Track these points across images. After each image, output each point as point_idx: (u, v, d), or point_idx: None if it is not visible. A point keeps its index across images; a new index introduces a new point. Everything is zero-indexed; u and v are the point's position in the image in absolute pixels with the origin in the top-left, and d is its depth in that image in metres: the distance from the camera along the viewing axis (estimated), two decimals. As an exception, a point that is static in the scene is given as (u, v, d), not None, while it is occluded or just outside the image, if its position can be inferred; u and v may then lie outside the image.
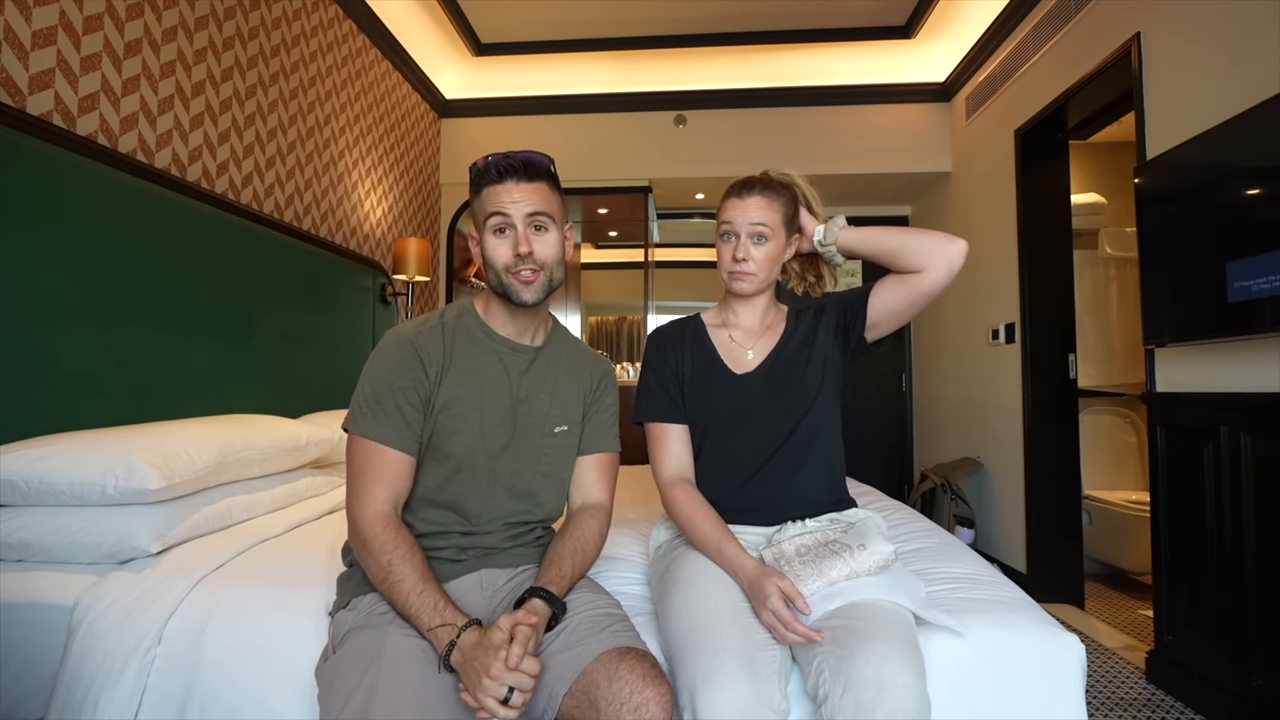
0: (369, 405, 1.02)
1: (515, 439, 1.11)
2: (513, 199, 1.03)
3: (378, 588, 0.96)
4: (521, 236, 1.03)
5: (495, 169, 1.04)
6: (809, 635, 0.90)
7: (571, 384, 1.18)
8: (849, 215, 1.22)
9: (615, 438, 1.23)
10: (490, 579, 1.07)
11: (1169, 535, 1.97)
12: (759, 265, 1.19)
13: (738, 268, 1.20)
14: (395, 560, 0.93)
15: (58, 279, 1.49)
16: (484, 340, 1.12)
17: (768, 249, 1.19)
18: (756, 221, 1.17)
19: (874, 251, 1.18)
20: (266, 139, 2.39)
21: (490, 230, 1.05)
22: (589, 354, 1.26)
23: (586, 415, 1.20)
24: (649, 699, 0.84)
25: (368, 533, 0.96)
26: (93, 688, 1.05)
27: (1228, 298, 1.68)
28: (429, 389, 1.05)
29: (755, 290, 1.22)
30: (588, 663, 0.89)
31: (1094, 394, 3.24)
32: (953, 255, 1.11)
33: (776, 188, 1.21)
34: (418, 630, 0.91)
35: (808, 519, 1.16)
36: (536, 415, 1.13)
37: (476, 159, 1.07)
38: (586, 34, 3.53)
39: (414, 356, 1.04)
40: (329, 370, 2.57)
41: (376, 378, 1.03)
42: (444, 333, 1.09)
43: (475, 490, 1.08)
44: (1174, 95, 2.01)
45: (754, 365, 1.24)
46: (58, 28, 1.60)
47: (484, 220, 1.05)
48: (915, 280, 1.14)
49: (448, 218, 3.98)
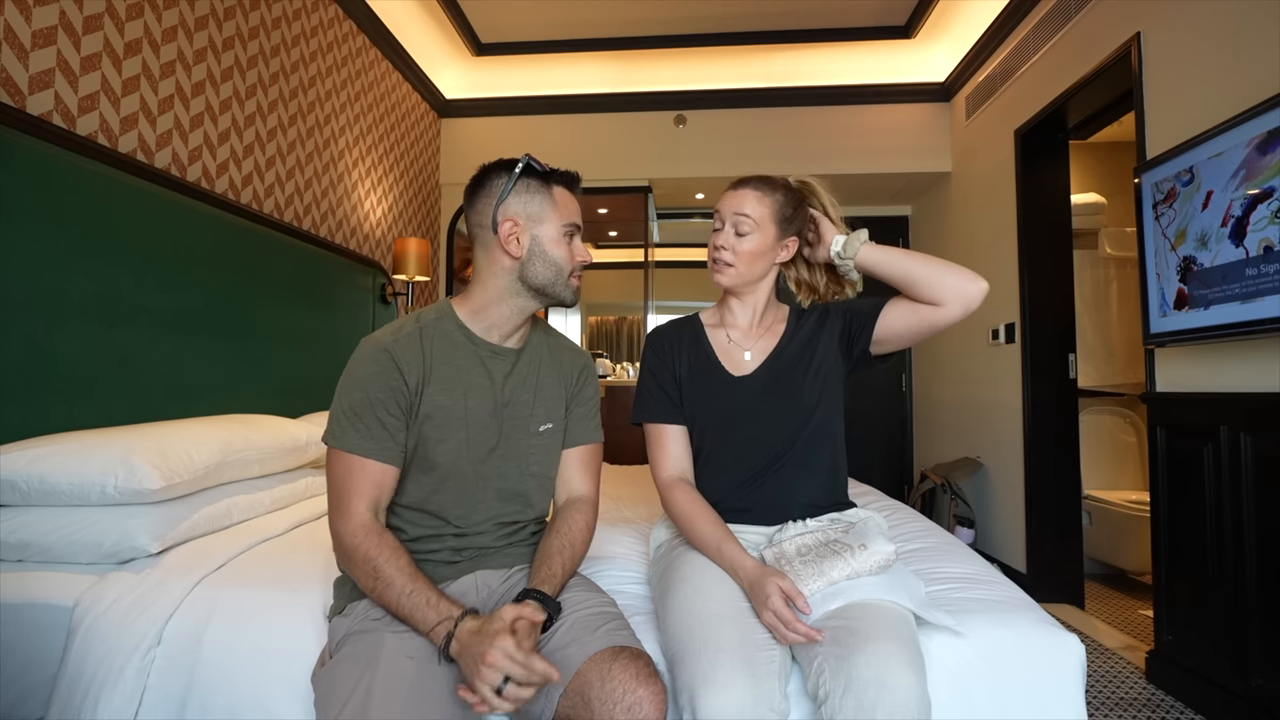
0: (348, 419, 0.99)
1: (501, 442, 1.09)
2: (578, 211, 1.11)
3: (370, 596, 0.95)
4: (583, 245, 1.11)
5: (569, 176, 1.11)
6: (810, 635, 0.90)
7: (553, 381, 1.17)
8: (849, 216, 1.21)
9: (598, 428, 1.22)
10: (485, 580, 1.06)
11: (1169, 535, 1.97)
12: (738, 256, 1.17)
13: (716, 254, 1.19)
14: (381, 565, 0.93)
15: (58, 279, 1.49)
16: (465, 344, 1.09)
17: (750, 242, 1.16)
18: (741, 212, 1.16)
19: (893, 275, 1.14)
20: (266, 139, 2.39)
21: (563, 232, 1.07)
22: (568, 347, 1.24)
23: (569, 409, 1.19)
24: (642, 698, 0.84)
25: (350, 543, 0.95)
26: (92, 688, 1.05)
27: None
28: (409, 399, 1.02)
29: (732, 283, 1.20)
30: (582, 662, 0.88)
31: (1094, 394, 3.24)
32: (971, 296, 1.08)
33: (776, 185, 1.19)
34: (418, 632, 0.91)
35: (808, 519, 1.16)
36: (521, 416, 1.12)
37: (525, 156, 1.07)
38: (586, 34, 3.53)
39: (392, 366, 1.01)
40: (329, 370, 2.57)
41: (354, 389, 1.00)
42: (422, 338, 1.05)
43: (464, 496, 1.07)
44: (1174, 95, 2.01)
45: (753, 368, 1.23)
46: (58, 28, 1.60)
47: (555, 221, 1.07)
48: (928, 312, 1.11)
49: (448, 218, 3.98)
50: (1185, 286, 1.88)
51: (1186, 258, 1.87)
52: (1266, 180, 1.62)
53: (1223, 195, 1.75)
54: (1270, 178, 1.61)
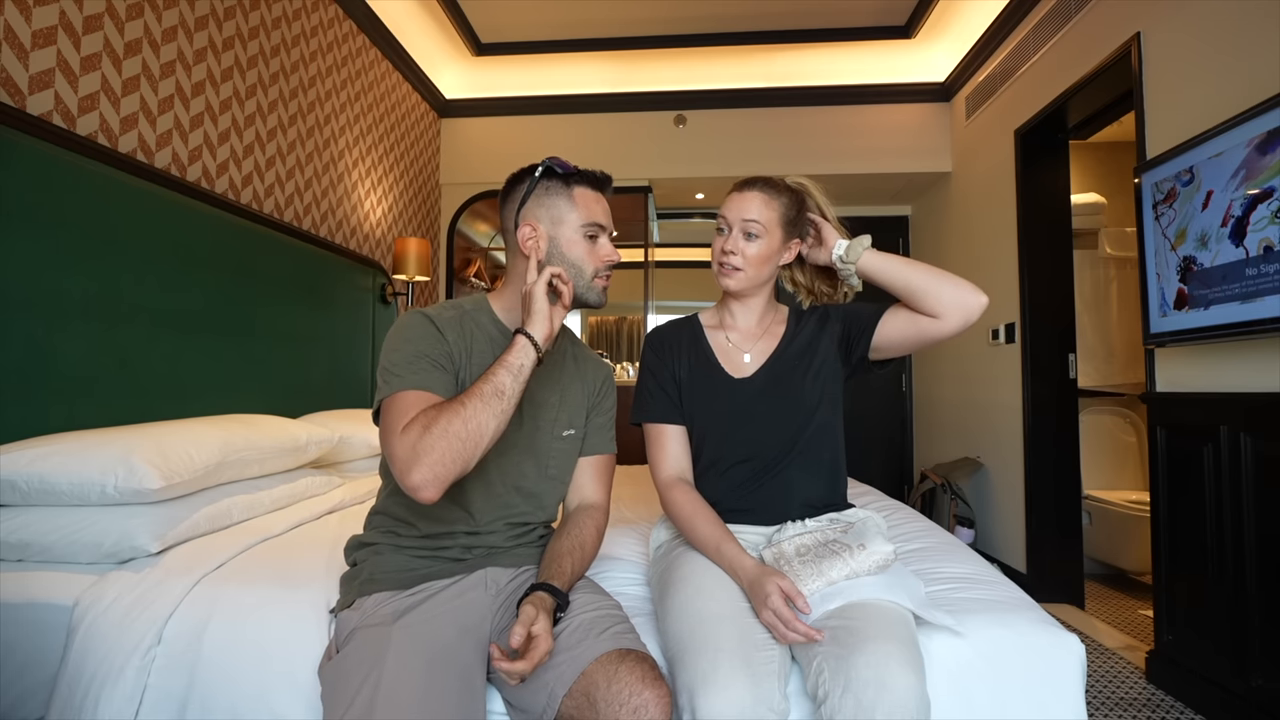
0: (401, 366, 0.96)
1: (525, 440, 1.11)
2: (605, 211, 1.10)
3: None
4: (610, 245, 1.10)
5: (593, 176, 1.10)
6: (809, 634, 0.90)
7: (577, 387, 1.19)
8: (849, 216, 1.21)
9: (612, 440, 1.23)
10: (494, 578, 1.07)
11: (1169, 535, 1.97)
12: (746, 261, 1.17)
13: (724, 259, 1.18)
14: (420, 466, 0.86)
15: (58, 279, 1.49)
16: (500, 339, 1.10)
17: (758, 246, 1.17)
18: (749, 217, 1.15)
19: (894, 283, 1.12)
20: (266, 139, 2.39)
21: (584, 233, 1.07)
22: (592, 357, 1.26)
23: (589, 418, 1.20)
24: (648, 700, 0.84)
25: (402, 454, 0.87)
26: (93, 687, 1.05)
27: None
28: (454, 366, 1.02)
29: (740, 287, 1.20)
30: (588, 664, 0.89)
31: (1094, 394, 3.24)
32: (971, 310, 1.08)
33: (780, 188, 1.19)
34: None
35: (808, 519, 1.16)
36: (546, 419, 1.13)
37: (547, 159, 1.07)
38: (586, 34, 3.53)
39: (436, 333, 1.02)
40: (329, 370, 2.57)
41: (404, 344, 0.99)
42: (462, 321, 1.07)
43: (486, 488, 1.08)
44: (1174, 95, 2.01)
45: (752, 370, 1.23)
46: (58, 28, 1.60)
47: (575, 223, 1.06)
48: (926, 323, 1.11)
49: (448, 218, 3.98)
50: (1185, 286, 1.88)
51: (1186, 258, 1.87)
52: (1266, 180, 1.62)
53: (1223, 195, 1.75)
54: (1270, 178, 1.61)
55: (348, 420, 2.13)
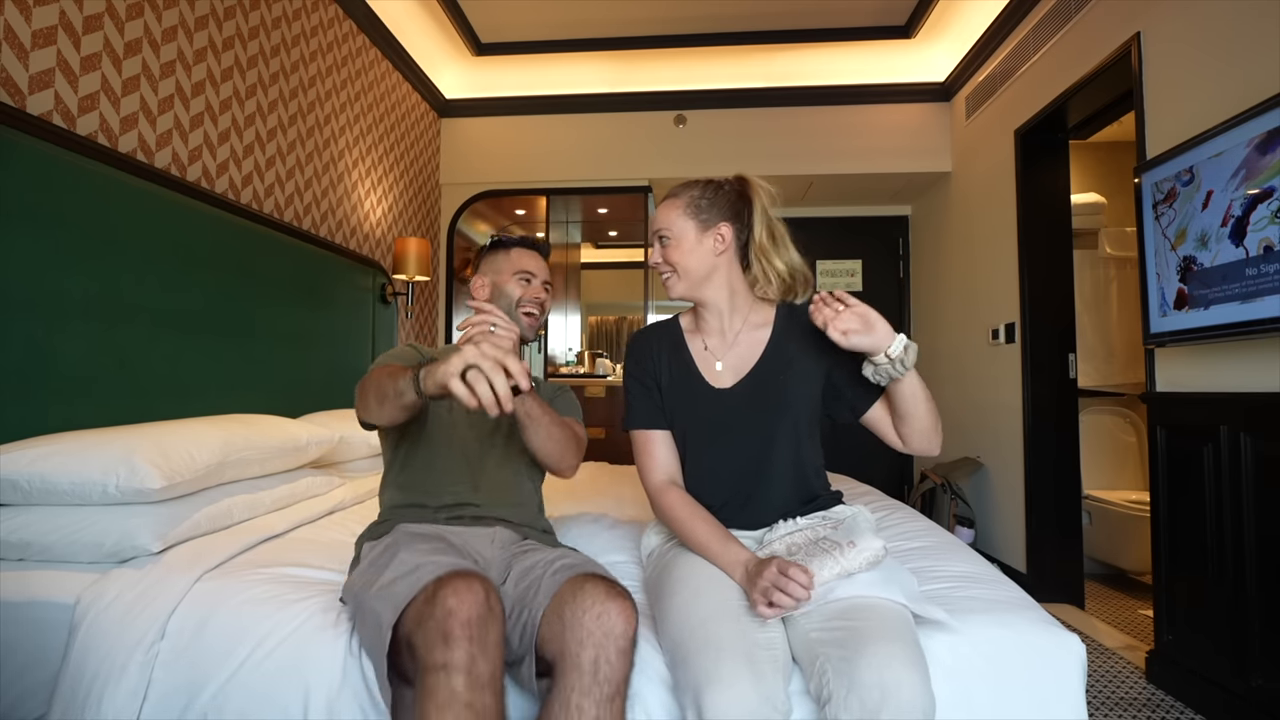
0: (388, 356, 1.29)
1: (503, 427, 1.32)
2: (540, 265, 1.40)
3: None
4: (539, 288, 1.38)
5: (526, 241, 1.40)
6: (803, 594, 0.92)
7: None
8: (848, 216, 1.20)
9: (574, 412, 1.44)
10: (502, 536, 1.21)
11: (1169, 535, 1.97)
12: (671, 265, 1.22)
13: (656, 271, 1.26)
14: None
15: (58, 279, 1.49)
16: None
17: (671, 249, 1.22)
18: (656, 228, 1.25)
19: (904, 400, 1.10)
20: (266, 139, 2.39)
21: (515, 279, 1.35)
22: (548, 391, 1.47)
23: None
24: (610, 609, 0.92)
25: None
26: (95, 684, 1.04)
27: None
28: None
29: (682, 291, 1.24)
30: (559, 586, 0.99)
31: (1094, 394, 3.24)
32: (924, 449, 1.16)
33: (692, 185, 1.23)
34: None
35: (798, 517, 1.16)
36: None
37: (496, 233, 1.23)
38: (586, 34, 3.53)
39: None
40: (329, 370, 2.57)
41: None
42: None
43: (468, 466, 1.28)
44: (1174, 95, 2.01)
45: (732, 381, 1.22)
46: (58, 28, 1.60)
47: (508, 270, 1.36)
48: (890, 435, 1.19)
49: (448, 218, 3.98)
50: (1185, 286, 1.88)
51: (1186, 258, 1.87)
52: (1266, 180, 1.62)
53: (1223, 195, 1.75)
54: (1270, 178, 1.61)
55: (348, 420, 2.12)
